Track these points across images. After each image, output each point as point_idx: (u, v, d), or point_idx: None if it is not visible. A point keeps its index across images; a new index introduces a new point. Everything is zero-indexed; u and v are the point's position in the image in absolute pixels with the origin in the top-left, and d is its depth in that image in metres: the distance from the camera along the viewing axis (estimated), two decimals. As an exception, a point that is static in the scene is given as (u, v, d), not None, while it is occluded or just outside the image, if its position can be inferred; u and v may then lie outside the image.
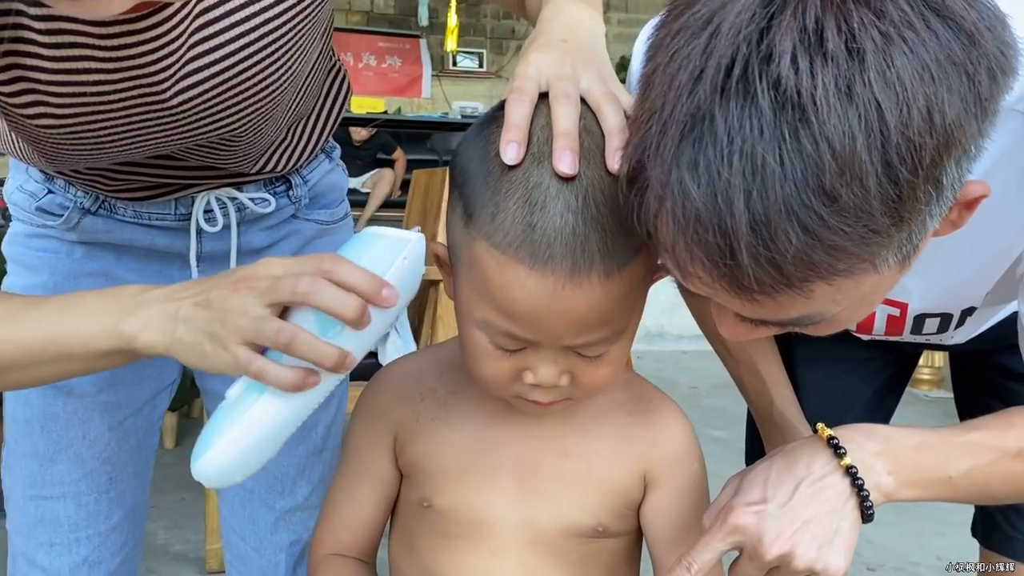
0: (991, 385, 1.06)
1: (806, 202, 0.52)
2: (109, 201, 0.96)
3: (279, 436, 0.69)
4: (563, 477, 0.81)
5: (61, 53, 0.72)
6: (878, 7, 0.52)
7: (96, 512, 1.01)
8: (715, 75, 0.53)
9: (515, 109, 0.67)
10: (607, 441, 0.82)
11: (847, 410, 1.11)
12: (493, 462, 0.82)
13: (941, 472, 0.76)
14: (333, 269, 0.66)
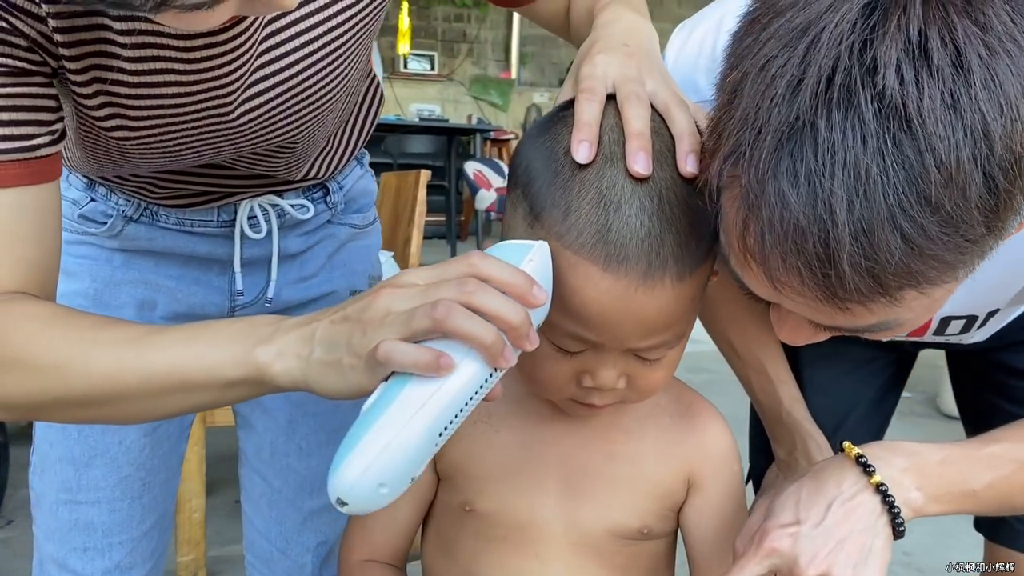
0: (994, 382, 1.11)
1: (909, 212, 0.53)
2: (151, 208, 0.97)
3: (431, 428, 0.59)
4: (610, 479, 0.82)
5: (143, 67, 0.73)
6: (979, 19, 0.52)
7: (129, 518, 1.01)
8: (815, 84, 0.53)
9: (586, 108, 0.68)
10: (651, 443, 0.84)
11: (852, 409, 1.16)
12: (538, 464, 0.82)
13: (966, 486, 0.78)
14: (478, 268, 0.61)
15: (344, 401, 1.10)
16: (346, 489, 0.58)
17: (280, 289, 1.04)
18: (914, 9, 0.52)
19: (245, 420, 1.12)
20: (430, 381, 0.58)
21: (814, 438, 1.02)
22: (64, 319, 0.69)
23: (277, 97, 0.82)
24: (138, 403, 0.68)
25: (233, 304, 1.03)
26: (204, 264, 1.02)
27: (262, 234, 0.99)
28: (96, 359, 0.66)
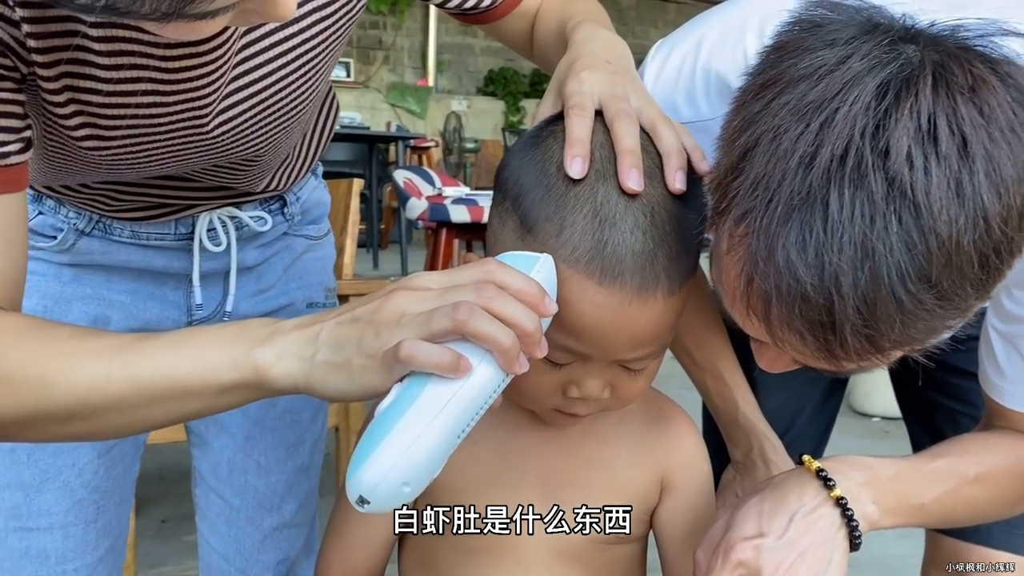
0: (935, 381, 1.16)
1: (909, 288, 0.56)
2: (105, 222, 0.94)
3: (451, 430, 0.60)
4: (587, 485, 0.84)
5: (119, 75, 0.71)
6: (984, 109, 0.56)
7: (84, 543, 0.97)
8: (828, 162, 0.56)
9: (578, 124, 0.69)
10: (626, 448, 0.86)
11: (801, 409, 1.20)
12: (518, 474, 0.83)
13: (916, 500, 0.82)
14: (494, 275, 0.61)
15: (303, 416, 1.10)
16: (369, 488, 0.58)
17: (238, 302, 1.02)
18: (924, 95, 0.55)
19: (200, 438, 1.09)
20: (449, 383, 0.59)
21: (769, 439, 1.06)
22: (40, 331, 0.66)
23: (251, 108, 0.81)
24: (127, 413, 0.65)
25: (190, 319, 1.00)
26: (159, 278, 0.99)
27: (222, 247, 0.97)
28: (80, 370, 0.64)
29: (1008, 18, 0.73)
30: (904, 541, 1.33)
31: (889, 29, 0.59)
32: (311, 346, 0.62)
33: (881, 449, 0.97)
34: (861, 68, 0.57)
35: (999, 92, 0.56)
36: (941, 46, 0.58)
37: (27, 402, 0.64)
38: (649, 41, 5.32)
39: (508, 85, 9.51)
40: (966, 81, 0.56)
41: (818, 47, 0.59)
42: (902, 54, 0.58)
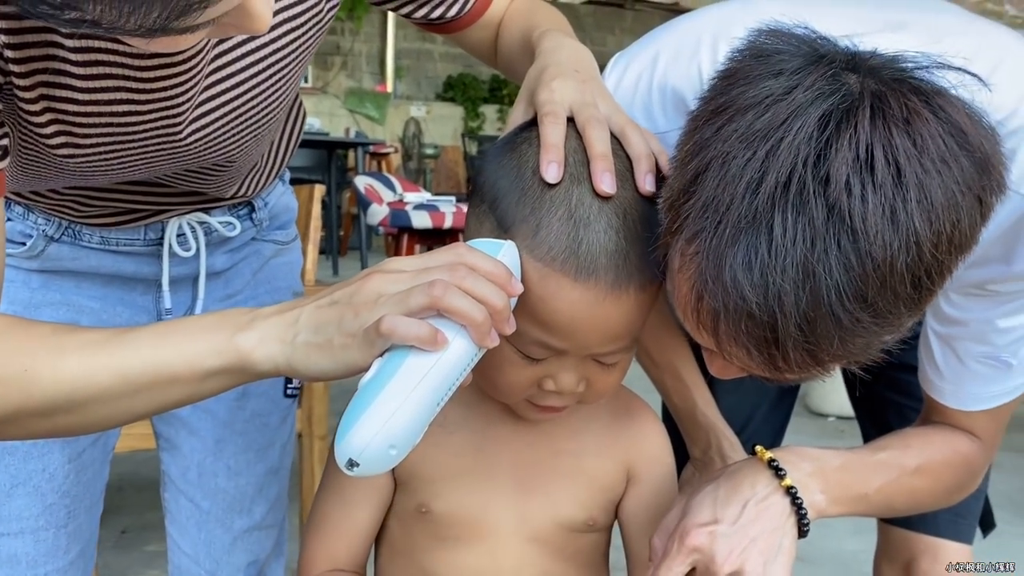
0: (886, 378, 1.21)
1: (847, 307, 0.60)
2: (74, 228, 0.95)
3: (431, 398, 0.64)
4: (557, 475, 0.87)
5: (95, 84, 0.72)
6: (917, 141, 0.59)
7: (55, 547, 0.98)
8: (773, 187, 0.60)
9: (552, 131, 0.72)
10: (594, 440, 0.89)
11: (757, 407, 1.24)
12: (491, 464, 0.86)
13: (860, 489, 0.87)
14: (464, 259, 0.65)
15: (272, 420, 1.11)
16: (359, 451, 0.62)
17: (207, 307, 1.03)
18: (863, 127, 0.59)
19: (169, 442, 1.10)
20: (427, 355, 0.63)
21: (727, 436, 1.10)
22: (22, 328, 0.68)
23: (224, 116, 0.83)
24: (111, 404, 0.67)
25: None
26: (128, 284, 1.00)
27: (191, 252, 0.99)
28: (64, 364, 0.66)
29: (942, 36, 0.77)
30: (858, 537, 1.38)
31: (833, 60, 0.63)
32: (291, 329, 0.65)
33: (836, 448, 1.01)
34: (805, 99, 0.60)
35: (931, 124, 0.60)
36: (880, 77, 0.62)
37: (11, 398, 0.65)
38: (607, 48, 5.47)
39: (467, 91, 9.53)
40: (901, 114, 0.60)
41: (766, 76, 0.63)
42: (844, 85, 0.61)
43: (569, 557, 0.88)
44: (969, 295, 0.87)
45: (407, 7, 0.95)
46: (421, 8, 0.94)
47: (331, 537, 0.89)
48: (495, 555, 0.86)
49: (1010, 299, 0.86)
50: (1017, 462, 3.41)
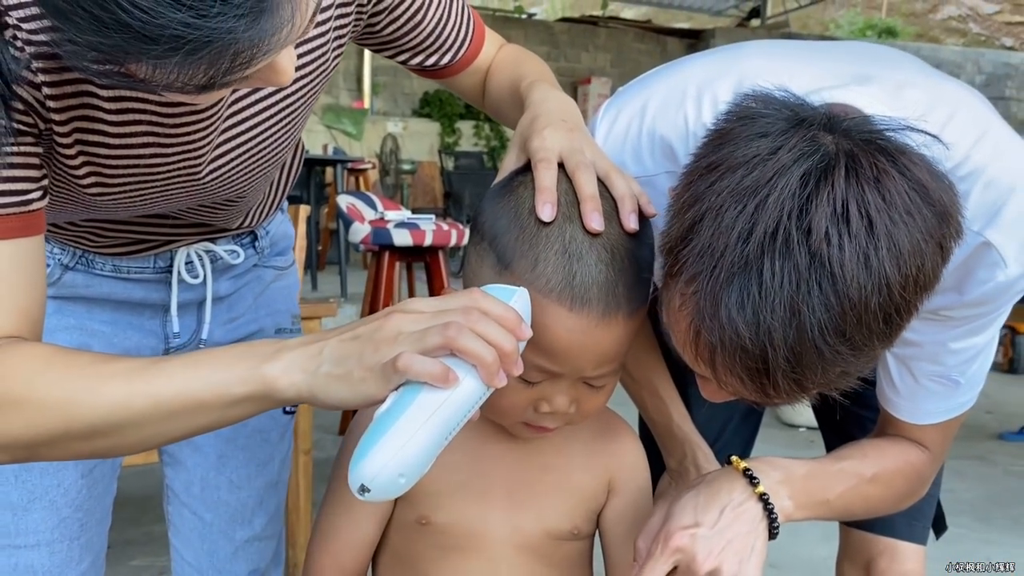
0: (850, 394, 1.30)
1: (828, 341, 0.68)
2: (88, 257, 1.01)
3: (440, 433, 0.68)
4: (545, 488, 0.94)
5: (126, 130, 0.79)
6: (886, 196, 0.68)
7: (69, 559, 1.03)
8: (762, 237, 0.67)
9: (546, 176, 0.80)
10: (578, 456, 0.96)
11: (729, 420, 1.31)
12: (486, 479, 0.93)
13: (823, 496, 0.95)
14: (479, 303, 0.70)
15: (272, 435, 1.17)
16: (371, 477, 0.67)
17: (211, 330, 1.09)
18: (839, 184, 0.67)
19: (172, 457, 1.15)
20: (439, 392, 0.68)
21: (701, 448, 1.17)
22: (64, 357, 0.74)
23: (239, 156, 0.89)
24: (145, 429, 0.72)
25: (167, 346, 1.07)
26: (137, 309, 1.06)
27: (199, 279, 1.05)
28: (103, 391, 0.71)
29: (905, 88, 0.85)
30: (826, 543, 1.45)
31: (812, 123, 0.71)
32: (315, 360, 0.70)
33: (806, 457, 1.08)
34: (788, 159, 0.68)
35: (897, 181, 0.68)
36: (852, 138, 0.70)
37: (54, 423, 0.71)
38: (580, 64, 5.58)
39: (443, 107, 9.60)
40: (872, 173, 0.68)
41: (753, 138, 0.71)
42: (822, 146, 0.69)
43: (556, 563, 0.96)
44: (925, 320, 0.94)
45: (403, 55, 1.02)
46: (416, 57, 1.02)
47: (338, 548, 0.95)
48: (490, 562, 0.93)
49: (961, 323, 0.94)
50: (980, 471, 3.53)
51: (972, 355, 0.97)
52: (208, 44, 0.57)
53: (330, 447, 3.28)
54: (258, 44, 0.60)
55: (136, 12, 0.55)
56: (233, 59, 0.60)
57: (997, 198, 0.85)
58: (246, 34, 0.58)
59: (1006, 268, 0.87)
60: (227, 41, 0.58)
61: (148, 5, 0.55)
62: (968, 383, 0.98)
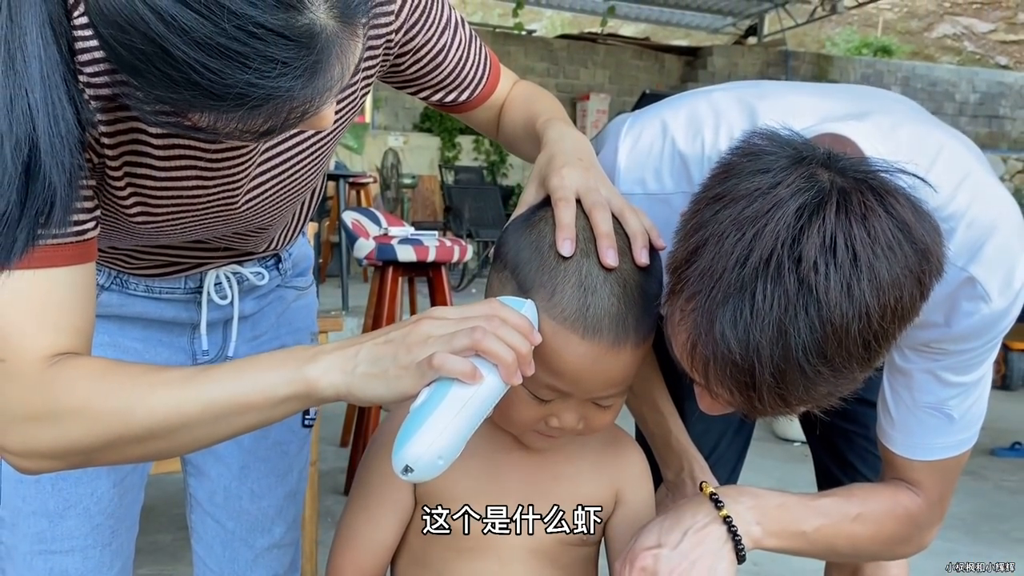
0: (835, 407, 1.35)
1: (811, 362, 0.74)
2: (122, 278, 1.07)
3: (471, 422, 0.77)
4: (556, 495, 1.00)
5: (171, 164, 0.86)
6: (871, 231, 0.74)
7: (100, 564, 1.09)
8: (757, 263, 0.73)
9: (566, 214, 0.87)
10: (588, 466, 1.03)
11: (722, 434, 1.36)
12: (502, 487, 0.99)
13: (798, 527, 0.99)
14: (498, 312, 0.78)
15: (291, 448, 1.23)
16: (414, 460, 0.75)
17: (237, 347, 1.15)
18: (829, 219, 0.73)
19: (197, 468, 1.21)
20: (467, 387, 0.76)
21: (697, 460, 1.22)
22: (118, 369, 0.80)
23: (273, 187, 0.96)
24: (196, 431, 0.78)
25: (195, 362, 1.14)
26: (167, 327, 1.12)
27: (228, 299, 1.11)
28: (156, 397, 0.77)
29: (896, 127, 0.92)
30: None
31: (811, 160, 0.78)
32: (352, 361, 0.77)
33: (801, 471, 1.12)
34: (786, 193, 0.75)
35: (883, 219, 0.74)
36: (846, 176, 0.77)
37: (110, 429, 0.77)
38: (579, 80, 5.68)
39: (444, 121, 9.68)
40: (860, 210, 0.74)
41: (756, 173, 0.77)
42: (818, 182, 0.76)
43: (565, 566, 1.02)
44: (920, 352, 1.00)
45: (424, 92, 1.09)
46: (437, 93, 1.09)
47: (359, 552, 1.01)
48: (503, 565, 0.99)
49: (954, 356, 0.99)
50: (971, 486, 3.58)
51: (964, 391, 1.01)
52: (269, 100, 0.64)
53: (331, 459, 3.33)
54: (312, 99, 0.67)
55: (206, 73, 0.62)
56: (289, 113, 0.67)
57: (979, 236, 0.91)
58: (302, 92, 0.65)
59: (990, 301, 0.92)
60: (285, 98, 0.65)
61: (217, 67, 0.62)
62: (962, 421, 1.02)
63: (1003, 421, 4.76)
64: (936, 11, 18.52)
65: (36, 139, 0.68)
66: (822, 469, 1.44)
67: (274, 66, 0.63)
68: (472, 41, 1.08)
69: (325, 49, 0.65)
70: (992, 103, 13.03)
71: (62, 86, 0.68)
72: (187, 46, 0.61)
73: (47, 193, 0.70)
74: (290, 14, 0.62)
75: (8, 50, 0.66)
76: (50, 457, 0.79)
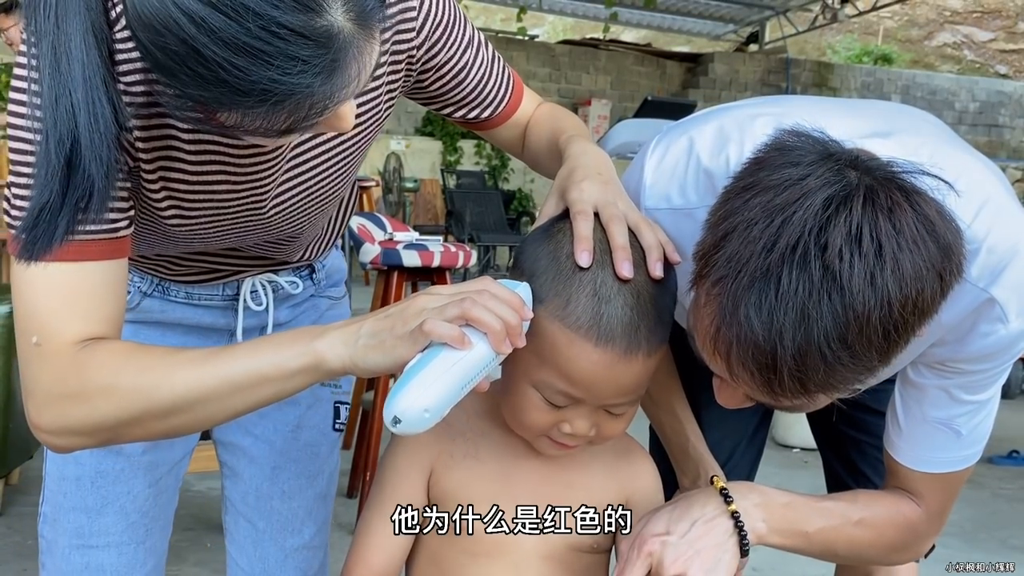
0: (849, 417, 1.36)
1: (832, 347, 0.75)
2: (164, 285, 1.12)
3: (458, 383, 0.81)
4: (569, 502, 1.03)
5: (203, 168, 0.92)
6: (897, 224, 0.75)
7: (134, 560, 1.14)
8: (784, 249, 0.75)
9: (584, 226, 0.90)
10: (600, 475, 1.06)
11: (737, 444, 1.40)
12: (515, 492, 1.02)
13: (800, 527, 1.01)
14: (488, 287, 0.84)
15: (321, 450, 1.27)
16: (401, 411, 0.80)
17: (270, 354, 1.20)
18: (856, 211, 0.76)
19: (232, 470, 1.26)
20: (456, 352, 0.81)
21: (714, 468, 1.25)
22: (142, 351, 0.87)
23: (299, 195, 1.01)
24: (214, 404, 0.84)
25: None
26: (204, 332, 1.17)
27: (263, 307, 1.16)
28: (178, 374, 0.83)
29: (919, 148, 0.94)
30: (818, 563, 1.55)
31: (840, 158, 0.80)
32: (354, 336, 0.83)
33: (801, 477, 1.15)
34: (815, 185, 0.78)
35: (908, 214, 0.77)
36: (874, 175, 0.79)
37: (136, 405, 0.83)
38: (581, 85, 5.76)
39: (445, 126, 9.73)
40: (886, 204, 0.76)
41: (786, 165, 0.80)
42: (845, 178, 0.78)
43: (577, 571, 1.05)
44: (935, 370, 1.03)
45: (447, 108, 1.14)
46: (460, 110, 1.13)
47: (370, 552, 1.04)
48: (517, 569, 1.02)
49: (968, 375, 1.02)
50: (969, 493, 3.63)
51: (973, 409, 1.03)
52: (290, 96, 0.70)
53: (339, 461, 3.37)
54: (330, 96, 0.73)
55: (232, 70, 0.68)
56: (310, 108, 0.72)
57: (1001, 259, 0.93)
58: (321, 88, 0.71)
59: (1008, 323, 0.95)
60: (306, 94, 0.70)
61: (243, 64, 0.67)
62: (969, 437, 1.04)
63: (1001, 429, 4.75)
64: (937, 20, 18.61)
65: (78, 135, 0.73)
66: (833, 476, 1.47)
67: (295, 63, 0.68)
68: (495, 60, 1.13)
69: (342, 49, 0.71)
70: (991, 112, 13.11)
71: (101, 87, 0.73)
72: (216, 45, 0.67)
73: (86, 184, 0.75)
74: (309, 16, 0.68)
75: (55, 53, 0.72)
76: (81, 434, 0.85)
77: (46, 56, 0.72)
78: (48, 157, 0.73)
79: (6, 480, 2.96)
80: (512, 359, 0.91)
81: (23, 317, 0.85)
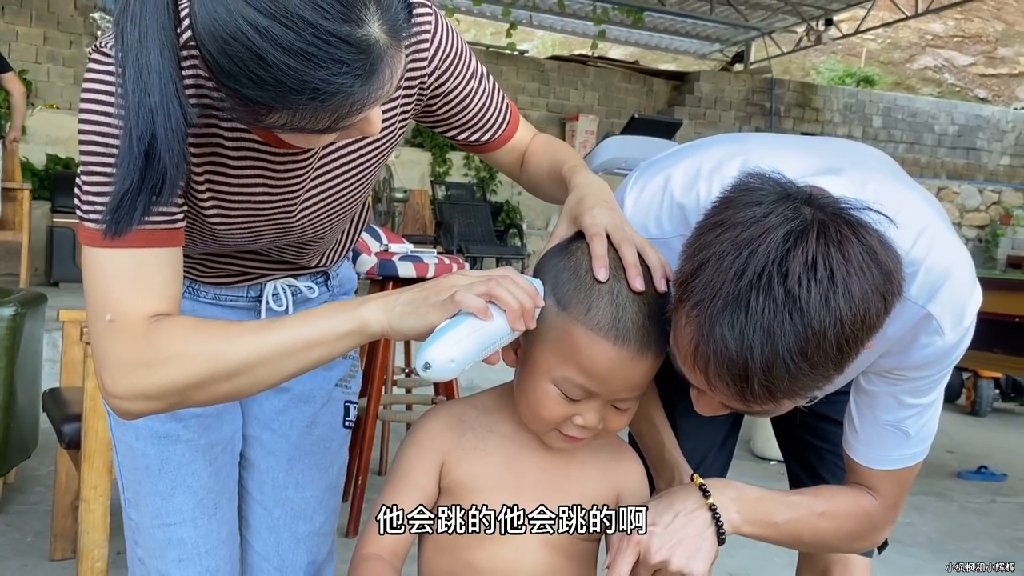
0: (810, 426, 1.49)
1: (795, 360, 0.87)
2: (194, 286, 1.24)
3: (479, 345, 0.95)
4: (567, 493, 1.15)
5: (244, 172, 1.04)
6: (846, 254, 0.87)
7: (209, 530, 1.27)
8: (751, 277, 0.87)
9: (600, 247, 1.02)
10: (595, 469, 1.18)
11: (709, 449, 1.50)
12: (520, 482, 1.14)
13: (771, 518, 1.13)
14: (511, 275, 0.98)
15: (333, 444, 1.38)
16: (433, 357, 0.94)
17: (289, 353, 1.31)
18: (811, 243, 0.88)
19: (249, 462, 1.36)
20: (479, 321, 0.95)
21: (687, 472, 1.34)
22: (205, 323, 0.99)
23: (323, 201, 1.14)
24: (272, 366, 0.97)
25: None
26: None
27: (283, 308, 1.28)
28: (239, 342, 0.96)
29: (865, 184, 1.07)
30: (793, 569, 1.66)
31: (796, 198, 0.93)
32: (392, 303, 0.97)
33: (777, 486, 1.23)
34: (776, 221, 0.90)
35: (855, 245, 0.88)
36: (825, 211, 0.90)
37: (204, 369, 0.96)
38: (570, 101, 5.97)
39: (435, 137, 9.83)
40: (836, 237, 0.88)
41: (750, 204, 0.92)
42: (801, 215, 0.90)
43: (572, 556, 1.17)
44: (884, 377, 1.15)
45: (451, 131, 1.26)
46: (463, 133, 1.26)
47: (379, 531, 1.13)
48: (518, 551, 1.14)
49: (912, 382, 1.14)
50: (937, 506, 3.76)
51: (919, 412, 1.15)
52: (335, 95, 0.82)
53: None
54: (368, 96, 0.85)
55: (288, 72, 0.80)
56: (351, 107, 0.85)
57: (936, 280, 1.06)
58: (361, 89, 0.83)
59: (944, 335, 1.08)
60: (348, 93, 0.83)
61: (297, 67, 0.80)
62: (916, 436, 1.17)
63: (970, 446, 4.94)
64: (919, 43, 18.95)
65: (155, 131, 0.85)
66: (796, 481, 1.58)
67: (340, 66, 0.81)
68: (496, 92, 1.26)
69: (379, 56, 0.83)
70: (970, 135, 13.37)
71: (174, 92, 0.86)
72: (276, 51, 0.79)
73: (160, 173, 0.87)
74: (352, 27, 0.80)
75: (138, 64, 0.84)
76: (153, 398, 0.97)
77: (131, 67, 0.84)
78: (131, 150, 0.85)
79: (4, 479, 3.02)
80: (532, 360, 1.05)
81: (96, 298, 0.97)
